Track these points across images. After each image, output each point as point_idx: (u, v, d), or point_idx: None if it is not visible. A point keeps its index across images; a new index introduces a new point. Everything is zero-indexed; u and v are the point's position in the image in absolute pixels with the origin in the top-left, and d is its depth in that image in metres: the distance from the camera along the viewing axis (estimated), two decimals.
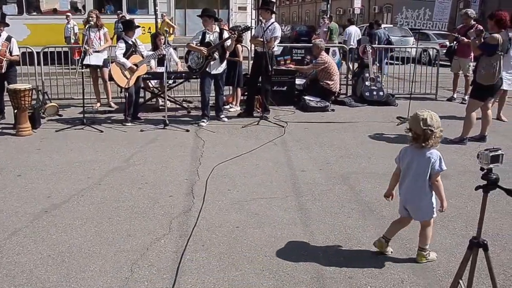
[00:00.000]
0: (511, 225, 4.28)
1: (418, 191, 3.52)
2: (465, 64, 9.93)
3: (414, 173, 3.50)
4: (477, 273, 3.10)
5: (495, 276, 2.29)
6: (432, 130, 3.31)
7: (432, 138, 3.34)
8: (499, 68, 6.61)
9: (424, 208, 3.56)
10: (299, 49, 10.69)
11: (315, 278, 3.37)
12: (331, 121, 8.24)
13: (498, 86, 6.92)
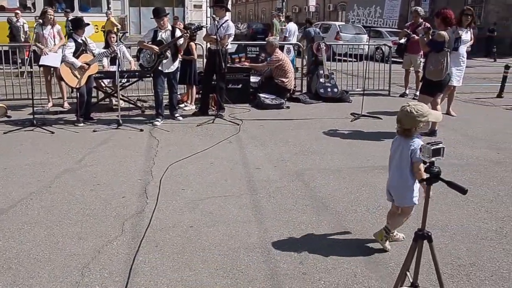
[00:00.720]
0: (459, 217, 4.43)
1: (400, 178, 3.62)
2: (416, 60, 10.22)
3: (398, 160, 3.62)
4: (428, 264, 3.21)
5: (439, 267, 2.36)
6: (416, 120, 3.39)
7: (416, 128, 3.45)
8: (446, 64, 6.82)
9: (404, 195, 3.65)
10: (253, 47, 10.70)
11: (269, 276, 3.39)
12: (286, 118, 8.31)
13: (446, 81, 7.14)
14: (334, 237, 3.96)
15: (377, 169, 5.62)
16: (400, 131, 3.56)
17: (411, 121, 3.41)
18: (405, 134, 3.52)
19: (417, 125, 3.41)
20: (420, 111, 3.36)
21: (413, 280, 2.44)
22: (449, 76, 7.25)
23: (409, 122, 3.42)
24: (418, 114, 3.36)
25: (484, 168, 5.87)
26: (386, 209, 4.46)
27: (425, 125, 3.50)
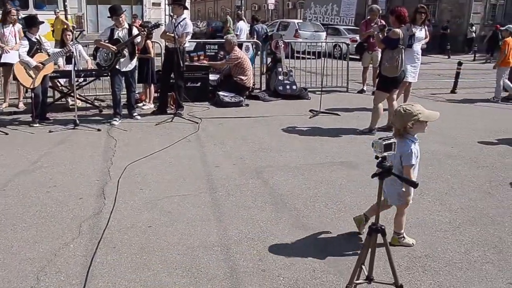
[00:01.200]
0: (415, 210, 4.52)
1: (393, 180, 3.60)
2: (378, 57, 10.35)
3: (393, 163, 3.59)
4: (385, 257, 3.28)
5: (393, 259, 2.42)
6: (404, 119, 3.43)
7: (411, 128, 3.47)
8: (401, 61, 6.99)
9: (395, 195, 3.70)
10: (212, 45, 10.65)
11: (228, 273, 3.39)
12: (245, 116, 8.32)
13: (401, 78, 7.31)
14: (293, 234, 3.99)
15: (335, 165, 5.70)
16: (394, 132, 3.59)
17: (400, 121, 3.47)
18: (398, 135, 3.53)
19: (406, 124, 3.44)
20: (409, 110, 3.40)
21: (368, 273, 2.49)
22: (404, 73, 7.43)
23: (399, 122, 3.50)
24: (406, 113, 3.41)
25: (438, 162, 6.05)
26: (345, 204, 4.60)
27: (416, 124, 3.46)
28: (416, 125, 3.46)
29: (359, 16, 34.98)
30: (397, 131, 3.55)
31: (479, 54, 24.28)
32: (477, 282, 3.35)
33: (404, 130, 3.48)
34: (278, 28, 23.86)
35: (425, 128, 3.55)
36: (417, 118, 3.42)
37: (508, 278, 3.41)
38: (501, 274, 3.47)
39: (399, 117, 3.47)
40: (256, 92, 10.25)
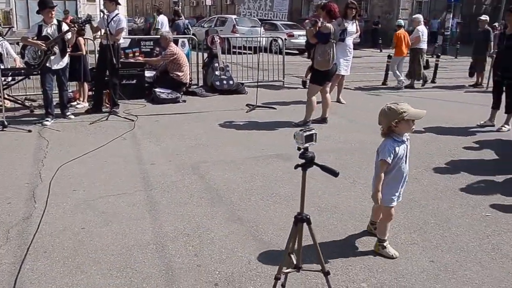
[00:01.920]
0: (347, 198, 4.70)
1: (374, 177, 3.63)
2: None
3: (376, 160, 3.58)
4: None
5: (318, 247, 2.50)
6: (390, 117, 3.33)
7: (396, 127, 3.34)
8: (333, 55, 7.17)
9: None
10: (147, 41, 10.49)
11: (164, 271, 3.38)
12: (182, 112, 8.27)
13: (333, 71, 7.50)
14: (229, 227, 4.03)
15: (271, 158, 5.79)
16: (381, 133, 3.48)
17: (385, 120, 3.38)
18: (383, 134, 3.44)
19: (391, 123, 3.32)
20: (394, 108, 3.30)
21: (296, 262, 2.56)
22: (336, 66, 7.63)
23: (384, 121, 3.39)
24: (390, 111, 3.31)
25: (369, 151, 6.22)
26: (280, 196, 4.68)
27: (401, 123, 3.31)
28: (401, 124, 3.31)
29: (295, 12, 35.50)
30: (385, 130, 3.43)
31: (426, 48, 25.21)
32: (403, 263, 3.52)
33: (389, 129, 3.37)
34: (216, 23, 23.78)
35: (412, 127, 3.38)
36: (402, 116, 3.28)
37: (430, 257, 3.62)
38: (424, 253, 3.67)
39: (383, 116, 3.36)
40: (193, 88, 10.21)
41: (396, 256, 3.59)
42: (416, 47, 11.80)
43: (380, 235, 3.65)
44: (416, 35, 11.75)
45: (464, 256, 3.65)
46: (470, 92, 11.67)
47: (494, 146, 6.69)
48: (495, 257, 3.64)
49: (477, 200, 4.73)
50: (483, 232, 4.06)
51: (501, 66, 7.40)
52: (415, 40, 11.72)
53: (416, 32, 11.76)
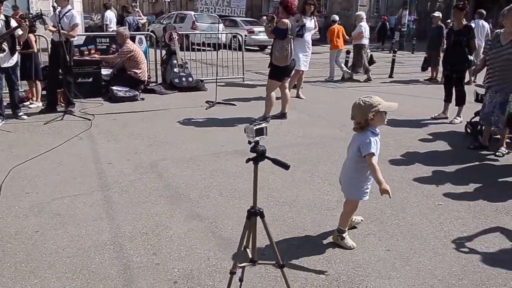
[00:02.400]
0: (306, 192, 4.75)
1: (347, 170, 3.65)
2: None
3: (350, 154, 3.60)
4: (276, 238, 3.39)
5: (273, 240, 2.51)
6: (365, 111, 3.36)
7: (372, 120, 3.38)
8: (291, 50, 7.20)
9: (350, 187, 3.66)
10: (103, 38, 10.27)
11: (122, 271, 3.33)
12: (140, 110, 8.15)
13: (292, 66, 7.55)
14: (188, 225, 4.00)
15: (230, 154, 5.78)
16: (355, 127, 3.48)
17: (360, 113, 3.38)
18: (360, 128, 3.45)
19: (367, 116, 3.35)
20: (369, 102, 3.35)
21: (252, 256, 2.57)
22: (294, 62, 7.68)
23: (359, 114, 3.39)
24: (366, 105, 3.34)
25: (328, 145, 6.35)
26: (239, 192, 4.68)
27: (377, 116, 3.37)
28: (377, 117, 3.37)
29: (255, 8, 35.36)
30: (357, 124, 3.44)
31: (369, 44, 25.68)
32: (361, 253, 3.59)
33: (366, 122, 3.40)
34: (175, 20, 23.53)
35: (385, 120, 3.44)
36: (377, 109, 3.34)
37: (386, 246, 3.70)
38: (381, 243, 3.75)
39: (358, 109, 3.39)
40: (152, 85, 10.07)
41: (354, 247, 3.66)
42: (358, 42, 12.17)
43: (341, 226, 3.71)
44: (358, 30, 12.13)
45: (419, 244, 3.75)
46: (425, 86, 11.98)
47: (447, 137, 6.90)
48: (447, 244, 3.77)
49: (431, 190, 4.87)
50: (436, 220, 4.19)
51: (450, 61, 7.62)
52: (358, 36, 12.09)
53: (359, 28, 12.17)
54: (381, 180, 3.36)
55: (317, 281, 3.22)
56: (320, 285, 3.18)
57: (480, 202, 4.59)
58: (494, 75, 5.98)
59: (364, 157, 3.39)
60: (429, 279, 3.27)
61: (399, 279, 3.26)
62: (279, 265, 2.51)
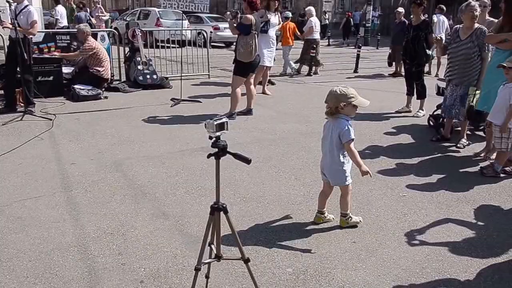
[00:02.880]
0: (272, 187, 4.76)
1: (331, 159, 3.75)
2: None
3: (329, 142, 3.72)
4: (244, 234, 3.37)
5: (237, 235, 2.50)
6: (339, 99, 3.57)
7: (342, 109, 3.59)
8: (255, 46, 7.20)
9: (337, 174, 3.77)
10: (63, 35, 10.02)
11: (86, 273, 3.25)
12: (104, 109, 7.99)
13: (256, 62, 7.54)
14: (154, 223, 3.95)
15: (196, 151, 5.73)
16: (326, 111, 3.70)
17: (334, 100, 3.59)
18: (330, 113, 3.67)
19: (339, 104, 3.56)
20: (344, 92, 3.55)
21: (216, 252, 2.55)
22: (259, 57, 7.67)
23: (333, 100, 3.60)
24: (341, 94, 3.55)
25: (294, 140, 6.38)
26: (205, 189, 4.63)
27: (348, 106, 3.58)
28: (347, 107, 3.58)
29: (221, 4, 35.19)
30: (329, 109, 3.67)
31: (333, 39, 26.03)
32: (327, 246, 3.62)
33: (336, 109, 3.61)
34: (139, 16, 23.19)
35: (354, 113, 3.67)
36: (351, 101, 3.56)
37: (352, 238, 3.75)
38: (347, 235, 3.80)
39: (333, 96, 3.59)
40: (116, 83, 9.89)
41: (361, 220, 3.94)
42: (310, 37, 12.31)
43: (343, 210, 3.90)
44: (309, 25, 12.25)
45: (383, 235, 3.81)
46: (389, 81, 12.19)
47: (410, 130, 7.04)
48: (411, 234, 3.84)
49: (395, 182, 4.95)
50: (400, 211, 4.26)
51: (409, 55, 7.76)
52: (309, 31, 12.23)
53: (309, 23, 12.31)
54: (361, 162, 3.61)
55: (285, 275, 3.23)
56: (287, 279, 3.19)
57: (442, 193, 4.70)
58: (454, 69, 6.13)
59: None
60: (393, 268, 3.33)
61: (365, 270, 3.30)
62: (244, 260, 2.50)
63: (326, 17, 29.46)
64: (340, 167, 3.73)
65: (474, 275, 3.27)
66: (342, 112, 3.63)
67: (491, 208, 4.40)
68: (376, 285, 3.13)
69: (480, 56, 5.94)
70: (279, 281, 3.16)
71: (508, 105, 4.94)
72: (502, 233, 3.88)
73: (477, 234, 3.86)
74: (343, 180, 3.78)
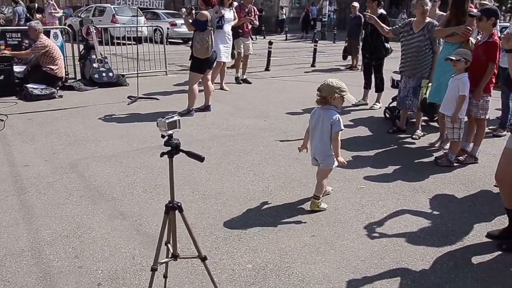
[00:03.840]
0: (231, 183, 4.75)
1: (324, 145, 4.08)
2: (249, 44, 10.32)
3: (320, 130, 4.06)
4: (203, 232, 3.34)
5: (193, 234, 2.48)
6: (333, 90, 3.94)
7: (333, 99, 3.97)
8: (211, 42, 7.15)
9: (328, 158, 4.12)
10: (14, 33, 9.68)
11: (41, 277, 3.16)
12: (58, 108, 7.76)
13: (213, 58, 7.49)
14: (111, 224, 3.88)
15: (154, 149, 5.65)
16: (318, 100, 4.04)
17: (328, 90, 3.95)
18: (322, 102, 4.02)
19: (333, 94, 3.93)
20: (339, 85, 3.96)
21: (173, 251, 2.53)
22: (216, 53, 7.63)
23: (327, 90, 3.96)
24: (336, 86, 3.95)
25: (253, 136, 6.39)
26: (163, 187, 4.59)
27: (339, 99, 3.97)
28: (337, 100, 3.98)
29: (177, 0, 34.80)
30: (322, 98, 4.01)
31: (290, 34, 26.22)
32: (286, 240, 3.65)
33: (326, 99, 3.99)
34: (94, 13, 22.67)
35: (341, 106, 4.11)
36: (343, 94, 3.96)
37: (311, 232, 3.79)
38: (306, 229, 3.83)
39: (328, 87, 3.95)
40: (70, 82, 9.63)
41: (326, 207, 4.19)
42: None
43: (318, 192, 4.16)
44: None
45: (342, 227, 3.87)
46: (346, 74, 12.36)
47: (367, 123, 7.17)
48: (369, 225, 3.92)
49: (353, 174, 5.03)
50: (358, 203, 4.34)
51: (368, 49, 7.89)
52: None
53: None
54: (340, 153, 4.04)
55: (245, 271, 3.24)
56: (247, 275, 3.19)
57: (399, 183, 4.82)
58: (407, 61, 6.27)
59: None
60: (352, 260, 3.39)
61: (324, 263, 3.34)
62: (201, 258, 2.48)
63: (283, 12, 29.64)
64: (331, 152, 4.09)
65: (431, 263, 3.37)
66: (331, 103, 3.99)
67: (446, 197, 4.54)
68: (335, 277, 3.18)
69: (432, 49, 6.10)
70: (239, 278, 3.16)
71: (457, 96, 5.10)
72: (456, 221, 4.01)
73: (432, 223, 3.98)
74: (332, 163, 4.14)
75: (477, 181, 4.91)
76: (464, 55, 5.09)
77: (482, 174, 5.10)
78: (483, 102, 5.26)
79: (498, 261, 3.42)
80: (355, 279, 3.17)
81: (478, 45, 5.33)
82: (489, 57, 5.12)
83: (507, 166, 3.51)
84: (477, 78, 5.15)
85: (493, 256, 3.47)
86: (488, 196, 4.57)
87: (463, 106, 5.13)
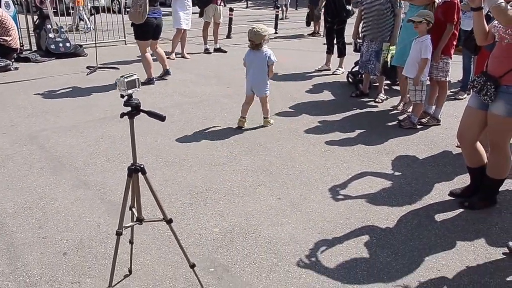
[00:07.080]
0: (195, 149, 4.71)
1: (261, 78, 5.28)
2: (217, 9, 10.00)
3: (256, 66, 5.23)
4: (168, 198, 3.31)
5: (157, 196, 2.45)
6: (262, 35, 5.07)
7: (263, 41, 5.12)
8: (145, 7, 6.57)
9: (263, 87, 5.33)
10: None
11: (5, 249, 3.09)
12: (14, 81, 7.46)
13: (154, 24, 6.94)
14: (74, 194, 3.81)
15: (115, 119, 5.53)
16: (252, 46, 5.18)
17: (259, 37, 5.07)
18: (257, 48, 5.16)
19: (264, 38, 5.09)
20: (262, 29, 5.09)
21: (138, 215, 2.50)
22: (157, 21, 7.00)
23: (258, 38, 5.08)
24: (262, 31, 5.06)
25: (216, 102, 6.34)
26: (126, 155, 4.54)
27: (266, 40, 5.14)
28: (265, 40, 5.13)
29: None
30: (256, 45, 5.15)
31: (251, 1, 25.84)
32: (252, 204, 3.67)
33: (259, 44, 5.12)
34: None
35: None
36: (268, 33, 5.12)
37: (277, 195, 3.82)
38: (271, 192, 3.86)
39: (256, 34, 5.06)
40: (26, 53, 9.27)
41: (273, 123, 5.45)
42: None
43: (265, 115, 5.43)
44: None
45: (307, 190, 3.91)
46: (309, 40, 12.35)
47: (330, 88, 7.21)
48: (334, 187, 3.97)
49: (317, 138, 5.08)
50: (323, 166, 4.39)
51: (330, 14, 7.86)
52: None
53: None
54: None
55: (211, 235, 3.25)
56: (214, 238, 3.21)
57: (363, 146, 4.88)
58: (368, 25, 6.29)
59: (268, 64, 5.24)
60: (319, 221, 3.43)
61: (291, 225, 3.38)
62: (166, 220, 2.46)
63: None
64: (267, 81, 5.30)
65: (395, 222, 3.44)
66: (263, 44, 5.13)
67: (409, 158, 4.63)
68: (302, 238, 3.22)
69: (393, 12, 6.13)
70: (206, 241, 3.17)
71: (420, 59, 5.15)
72: (419, 181, 4.11)
73: (396, 184, 4.06)
74: (267, 91, 5.36)
75: (440, 142, 5.02)
76: (426, 16, 5.07)
77: (445, 135, 5.22)
78: (443, 64, 5.32)
79: (461, 218, 3.52)
80: (321, 239, 3.21)
81: (438, 6, 5.33)
82: (447, 17, 5.15)
83: (468, 123, 3.57)
84: (438, 40, 5.20)
85: (456, 214, 3.57)
86: (450, 156, 4.69)
87: (425, 69, 5.18)
